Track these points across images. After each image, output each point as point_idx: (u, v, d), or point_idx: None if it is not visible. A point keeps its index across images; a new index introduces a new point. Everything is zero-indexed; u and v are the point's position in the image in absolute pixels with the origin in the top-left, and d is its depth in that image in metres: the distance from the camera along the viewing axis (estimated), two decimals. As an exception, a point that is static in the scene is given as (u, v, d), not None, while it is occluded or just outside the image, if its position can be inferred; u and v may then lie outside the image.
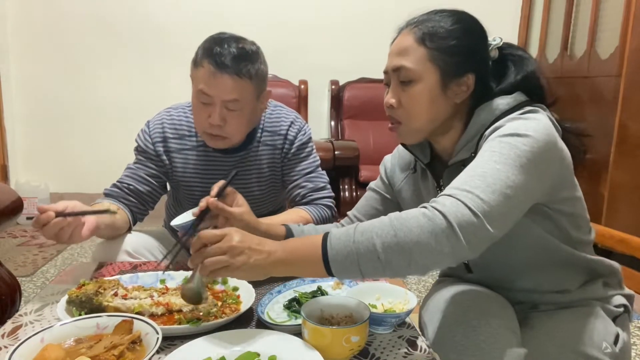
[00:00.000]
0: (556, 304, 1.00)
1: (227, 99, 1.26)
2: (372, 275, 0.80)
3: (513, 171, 0.81)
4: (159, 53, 3.63)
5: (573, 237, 0.97)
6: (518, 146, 0.84)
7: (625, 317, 1.03)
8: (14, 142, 3.70)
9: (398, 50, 0.98)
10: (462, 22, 0.97)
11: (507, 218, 0.81)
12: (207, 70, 1.26)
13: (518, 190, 0.81)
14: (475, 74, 0.97)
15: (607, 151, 2.76)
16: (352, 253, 0.78)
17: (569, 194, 0.95)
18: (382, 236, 0.78)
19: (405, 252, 0.76)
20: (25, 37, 3.61)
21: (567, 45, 3.25)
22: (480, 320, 0.87)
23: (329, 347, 0.83)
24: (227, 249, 0.83)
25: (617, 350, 0.95)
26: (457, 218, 0.76)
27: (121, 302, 0.97)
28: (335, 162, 2.97)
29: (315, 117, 3.71)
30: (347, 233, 0.80)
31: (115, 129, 3.69)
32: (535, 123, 0.88)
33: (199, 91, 1.28)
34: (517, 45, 1.05)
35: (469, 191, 0.79)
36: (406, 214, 0.79)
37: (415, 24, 0.98)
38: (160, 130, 1.43)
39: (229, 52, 1.25)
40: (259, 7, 3.64)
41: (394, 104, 0.99)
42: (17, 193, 1.70)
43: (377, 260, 0.77)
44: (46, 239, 1.12)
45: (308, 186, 1.47)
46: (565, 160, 0.92)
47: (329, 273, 0.81)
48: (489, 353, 0.83)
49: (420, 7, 1.02)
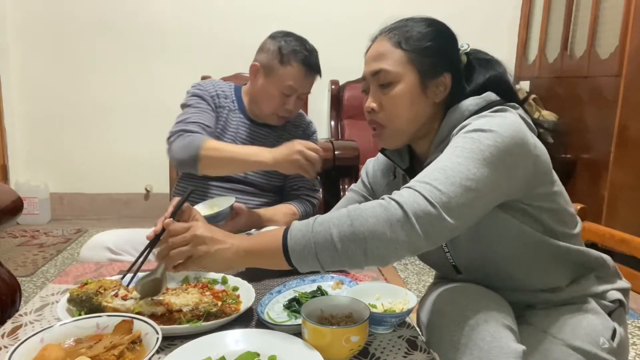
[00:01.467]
0: (551, 303, 1.00)
1: (306, 92, 1.58)
2: (330, 266, 0.82)
3: (475, 164, 0.83)
4: (159, 53, 3.63)
5: (557, 231, 0.98)
6: (481, 141, 0.85)
7: (621, 311, 1.04)
8: (14, 142, 3.70)
9: (375, 55, 1.02)
10: (434, 26, 1.02)
11: (468, 210, 0.82)
12: (297, 71, 1.53)
13: (479, 183, 0.82)
14: (451, 73, 1.00)
15: (607, 151, 2.76)
16: (310, 243, 0.81)
17: (546, 189, 0.95)
18: (338, 226, 0.80)
19: (361, 241, 0.79)
20: (25, 37, 3.61)
21: (567, 45, 3.25)
22: (478, 319, 0.87)
23: (329, 347, 0.83)
24: (190, 239, 0.88)
25: (615, 345, 0.96)
26: (413, 208, 0.78)
27: (120, 303, 0.97)
28: (335, 162, 2.97)
29: (315, 117, 3.68)
30: (307, 224, 0.83)
31: (116, 128, 3.69)
32: (501, 119, 0.89)
33: (288, 86, 1.53)
34: (483, 51, 1.07)
35: (428, 183, 0.81)
36: (364, 205, 0.82)
37: (389, 31, 1.02)
38: (213, 89, 1.64)
39: (314, 57, 1.56)
40: (259, 8, 3.64)
41: (375, 107, 1.02)
42: (17, 193, 1.70)
43: (334, 250, 0.80)
44: None
45: (307, 185, 1.67)
46: (540, 157, 0.92)
47: (289, 264, 0.84)
48: (487, 351, 0.83)
49: (420, 7, 1.03)
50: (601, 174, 2.81)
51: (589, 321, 0.96)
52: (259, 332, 0.91)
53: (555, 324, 0.95)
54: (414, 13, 1.04)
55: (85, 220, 3.73)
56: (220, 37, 3.64)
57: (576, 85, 3.10)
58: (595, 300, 1.01)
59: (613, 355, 0.95)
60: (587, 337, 0.93)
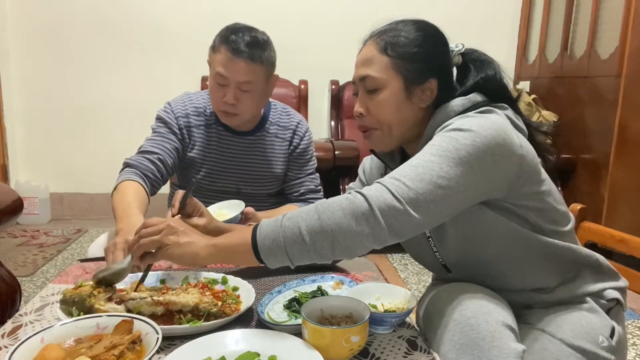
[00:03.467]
0: (547, 303, 1.00)
1: (240, 80, 1.43)
2: (299, 260, 0.84)
3: (448, 162, 0.85)
4: (159, 53, 3.63)
5: (545, 229, 0.98)
6: (458, 140, 0.86)
7: (619, 309, 1.04)
8: (14, 142, 3.70)
9: (363, 61, 1.04)
10: (423, 30, 1.02)
11: (437, 206, 0.84)
12: (224, 56, 1.42)
13: (451, 181, 0.84)
14: (437, 79, 1.00)
15: (607, 151, 2.77)
16: (279, 237, 0.83)
17: (532, 189, 0.95)
18: (306, 220, 0.82)
19: (328, 234, 0.81)
20: (25, 37, 3.61)
21: (567, 45, 3.25)
22: (478, 318, 0.87)
23: (329, 347, 0.83)
24: (162, 228, 0.91)
25: (614, 343, 0.96)
26: (378, 201, 0.81)
27: (113, 307, 0.97)
28: (335, 162, 2.97)
29: (315, 117, 3.71)
30: (276, 220, 0.85)
31: (116, 129, 3.69)
32: (483, 120, 0.90)
33: (217, 74, 1.44)
34: (480, 51, 1.07)
35: (397, 179, 0.84)
36: (331, 199, 0.84)
37: (378, 35, 1.03)
38: (182, 107, 1.57)
39: (243, 40, 1.42)
40: (260, 8, 3.64)
41: (363, 112, 1.04)
42: (17, 193, 1.70)
43: (302, 243, 0.82)
44: None
45: (309, 186, 1.64)
46: (525, 156, 0.92)
47: (258, 259, 0.85)
48: (487, 351, 0.83)
49: (420, 7, 1.03)
50: (601, 174, 2.82)
51: (587, 320, 0.96)
52: (259, 332, 0.91)
53: (554, 323, 0.96)
54: (414, 13, 1.04)
55: (85, 220, 3.73)
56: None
57: (576, 85, 3.10)
58: (593, 299, 1.01)
59: (612, 354, 0.95)
60: (586, 336, 0.93)
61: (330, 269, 1.23)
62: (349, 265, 1.28)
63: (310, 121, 3.64)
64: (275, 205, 1.61)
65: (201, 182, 1.60)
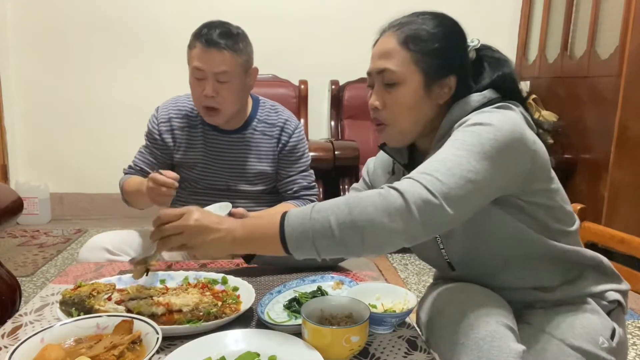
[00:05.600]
0: (548, 303, 1.00)
1: (217, 71, 1.44)
2: (327, 254, 0.82)
3: (474, 157, 0.83)
4: (159, 53, 3.63)
5: (552, 228, 0.98)
6: (481, 134, 0.86)
7: (620, 311, 1.04)
8: (14, 142, 3.70)
9: (381, 53, 1.00)
10: (444, 25, 1.00)
11: (467, 202, 0.82)
12: (198, 49, 1.45)
13: (479, 176, 0.83)
14: (456, 75, 0.99)
15: (607, 151, 2.76)
16: (308, 230, 0.80)
17: (543, 186, 0.95)
18: (337, 213, 0.79)
19: (359, 230, 0.78)
20: (25, 37, 3.61)
21: (567, 45, 3.25)
22: (478, 319, 0.87)
23: (329, 347, 0.83)
24: (183, 229, 0.86)
25: (614, 344, 0.96)
26: (414, 197, 0.78)
27: (113, 307, 0.97)
28: (335, 162, 2.97)
29: (315, 117, 3.71)
30: (304, 211, 0.82)
31: (116, 128, 3.69)
32: (501, 115, 0.90)
33: (194, 68, 1.46)
34: (494, 47, 1.07)
35: (428, 174, 0.81)
36: (363, 194, 0.81)
37: (398, 27, 1.00)
38: (166, 112, 1.60)
39: (215, 32, 1.44)
40: (260, 8, 3.64)
41: (379, 105, 1.01)
42: (17, 193, 1.70)
43: (332, 238, 0.79)
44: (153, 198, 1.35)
45: (302, 184, 1.63)
46: (538, 152, 0.93)
47: (285, 250, 0.82)
48: (487, 351, 0.83)
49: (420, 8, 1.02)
50: (601, 174, 2.81)
51: (588, 320, 0.96)
52: (259, 332, 0.91)
53: (554, 323, 0.96)
54: (396, 15, 1.03)
55: (85, 220, 3.73)
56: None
57: (576, 85, 3.10)
58: (594, 300, 1.01)
59: (612, 355, 0.95)
60: (587, 337, 0.93)
61: (331, 269, 1.23)
62: (349, 265, 1.28)
63: (310, 121, 3.64)
64: (273, 203, 1.62)
65: (192, 182, 1.60)
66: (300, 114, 3.52)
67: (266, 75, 3.49)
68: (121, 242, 1.47)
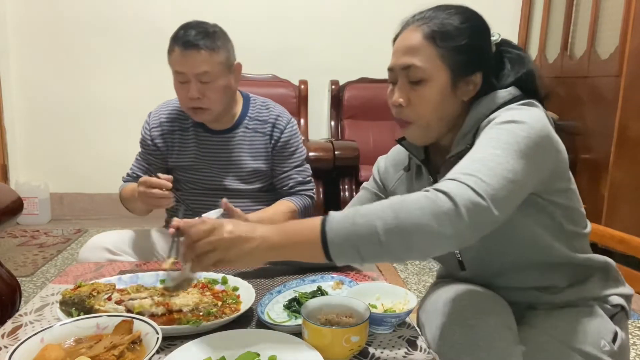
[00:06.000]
0: (552, 305, 1.00)
1: (198, 72, 1.43)
2: (371, 259, 0.78)
3: (512, 156, 0.82)
4: (159, 53, 3.59)
5: (567, 230, 0.97)
6: (516, 132, 0.84)
7: (623, 315, 1.03)
8: (14, 142, 3.70)
9: (406, 48, 0.97)
10: (471, 20, 0.97)
11: (510, 202, 0.80)
12: (177, 53, 1.45)
13: (517, 175, 0.81)
14: (482, 71, 0.97)
15: (607, 151, 2.76)
16: (352, 236, 0.76)
17: (563, 185, 0.95)
18: (382, 218, 0.75)
19: (406, 235, 0.74)
20: (25, 37, 3.61)
21: (567, 45, 3.25)
22: (478, 319, 0.87)
23: (329, 347, 0.83)
24: (216, 243, 0.80)
25: (616, 348, 0.95)
26: (464, 199, 0.74)
27: (113, 307, 0.97)
28: (335, 162, 2.97)
29: (315, 117, 3.70)
30: (347, 216, 0.78)
31: (115, 129, 3.69)
32: (531, 112, 0.89)
33: (175, 72, 1.47)
34: (514, 43, 1.05)
35: (471, 174, 0.78)
36: (408, 197, 0.78)
37: (423, 20, 0.96)
38: (157, 117, 1.60)
39: (192, 33, 1.44)
40: (260, 8, 3.64)
41: (403, 103, 0.98)
42: (17, 193, 1.70)
43: (378, 244, 0.75)
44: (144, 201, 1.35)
45: (297, 179, 1.61)
46: (560, 152, 0.93)
47: (327, 257, 0.78)
48: (487, 351, 0.83)
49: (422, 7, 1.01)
50: (601, 174, 2.81)
51: (590, 323, 0.96)
52: (259, 332, 0.91)
53: (556, 325, 0.95)
54: (419, 8, 1.02)
55: (85, 220, 3.73)
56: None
57: (576, 85, 3.09)
58: (598, 303, 1.00)
59: (614, 359, 0.94)
60: (589, 339, 0.93)
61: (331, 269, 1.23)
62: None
63: (310, 121, 3.64)
64: (271, 201, 1.60)
65: (189, 184, 1.59)
66: (300, 114, 3.52)
67: (266, 75, 3.48)
68: (121, 242, 1.47)
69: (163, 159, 1.60)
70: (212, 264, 0.82)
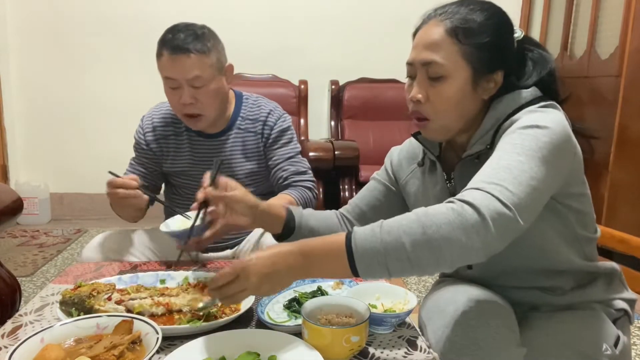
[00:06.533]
0: (555, 306, 1.00)
1: (189, 77, 1.38)
2: (398, 275, 0.78)
3: (536, 162, 0.81)
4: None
5: (579, 234, 0.98)
6: (539, 137, 0.84)
7: (626, 320, 1.03)
8: (14, 142, 3.70)
9: (427, 43, 0.94)
10: (495, 17, 0.95)
11: (534, 210, 0.80)
12: (166, 58, 1.39)
13: (541, 182, 0.80)
14: (503, 70, 0.96)
15: (607, 151, 2.76)
16: (380, 253, 0.76)
17: (578, 189, 0.96)
18: (410, 234, 0.75)
19: (435, 250, 0.74)
20: (25, 37, 3.61)
21: (567, 45, 3.25)
22: (479, 320, 0.87)
23: (329, 347, 0.83)
24: (245, 286, 0.81)
25: (617, 352, 0.95)
26: (490, 211, 0.74)
27: (113, 307, 0.97)
28: (335, 162, 2.96)
29: (315, 117, 3.70)
30: (373, 232, 0.77)
31: (116, 129, 3.68)
32: (553, 115, 0.88)
33: (165, 78, 1.41)
34: (535, 40, 1.04)
35: (497, 184, 0.77)
36: (433, 210, 0.77)
37: (445, 15, 0.94)
38: (150, 121, 1.56)
39: (180, 36, 1.38)
40: (259, 8, 3.64)
41: (422, 99, 0.95)
42: (17, 193, 1.70)
43: (406, 260, 0.75)
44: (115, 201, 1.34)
45: (290, 169, 1.54)
46: (577, 155, 0.92)
47: (354, 273, 0.78)
48: (488, 352, 0.83)
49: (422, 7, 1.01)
50: (601, 174, 2.81)
51: (592, 326, 0.95)
52: (259, 332, 0.91)
53: (558, 327, 0.95)
54: (415, 14, 1.01)
55: (85, 220, 3.73)
56: (219, 37, 3.65)
57: (576, 85, 3.09)
58: (601, 307, 1.00)
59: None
60: (590, 342, 0.92)
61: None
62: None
63: (310, 121, 3.63)
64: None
65: (184, 189, 1.56)
66: (300, 114, 3.52)
67: (266, 75, 3.48)
68: (124, 241, 1.46)
69: (158, 164, 1.57)
70: (241, 300, 0.88)
